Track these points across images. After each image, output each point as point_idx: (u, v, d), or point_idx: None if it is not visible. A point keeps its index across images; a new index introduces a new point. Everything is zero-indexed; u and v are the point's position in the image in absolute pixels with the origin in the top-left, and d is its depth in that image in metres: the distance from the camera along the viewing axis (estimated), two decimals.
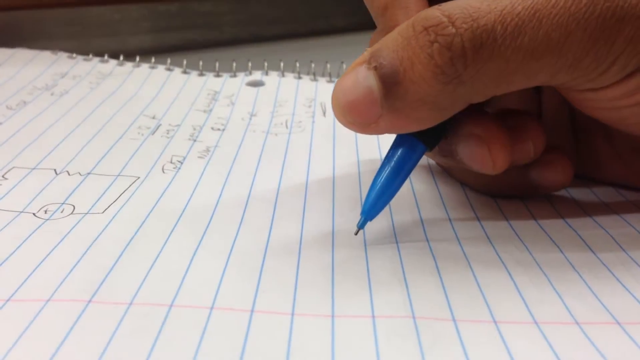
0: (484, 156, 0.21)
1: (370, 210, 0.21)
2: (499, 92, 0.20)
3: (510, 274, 0.20)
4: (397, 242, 0.22)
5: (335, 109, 0.20)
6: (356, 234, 0.21)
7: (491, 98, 0.26)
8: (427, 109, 0.19)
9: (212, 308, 0.18)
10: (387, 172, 0.21)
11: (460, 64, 0.19)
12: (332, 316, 0.17)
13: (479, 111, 0.22)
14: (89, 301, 0.18)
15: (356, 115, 0.20)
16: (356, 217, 0.23)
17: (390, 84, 0.19)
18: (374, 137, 0.32)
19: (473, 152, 0.21)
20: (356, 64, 0.20)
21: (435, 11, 0.19)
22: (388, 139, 0.32)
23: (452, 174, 0.27)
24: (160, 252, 0.21)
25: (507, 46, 0.18)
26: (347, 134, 0.32)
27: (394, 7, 0.22)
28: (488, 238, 0.22)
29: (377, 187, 0.21)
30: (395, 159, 0.21)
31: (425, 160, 0.29)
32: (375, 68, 0.19)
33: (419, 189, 0.26)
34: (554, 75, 0.19)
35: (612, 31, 0.18)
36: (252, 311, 0.18)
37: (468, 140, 0.21)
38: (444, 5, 0.19)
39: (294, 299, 0.18)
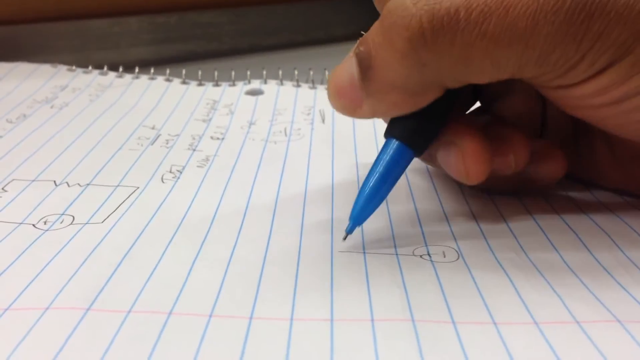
0: (458, 165, 0.21)
1: (359, 216, 0.21)
2: (472, 80, 0.20)
3: (509, 277, 0.20)
4: (395, 246, 0.22)
5: (328, 93, 0.21)
6: (344, 239, 0.21)
7: (494, 101, 0.26)
8: (399, 93, 0.20)
9: (210, 316, 0.18)
10: (375, 177, 0.21)
11: (420, 45, 0.19)
12: (331, 320, 0.17)
13: (467, 119, 0.22)
14: (88, 309, 0.18)
15: (342, 98, 0.21)
16: None
17: (365, 68, 0.20)
18: (372, 143, 0.32)
19: (450, 161, 0.22)
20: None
21: None
22: None
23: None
24: (159, 260, 0.21)
25: (471, 31, 0.18)
26: (346, 140, 0.32)
27: None
28: (486, 241, 0.22)
29: (366, 192, 0.21)
30: (384, 164, 0.21)
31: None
32: (356, 54, 0.20)
33: (416, 190, 0.26)
34: (522, 67, 0.19)
35: (580, 26, 0.18)
36: (250, 318, 0.18)
37: (446, 148, 0.22)
38: None
39: (293, 304, 0.18)
